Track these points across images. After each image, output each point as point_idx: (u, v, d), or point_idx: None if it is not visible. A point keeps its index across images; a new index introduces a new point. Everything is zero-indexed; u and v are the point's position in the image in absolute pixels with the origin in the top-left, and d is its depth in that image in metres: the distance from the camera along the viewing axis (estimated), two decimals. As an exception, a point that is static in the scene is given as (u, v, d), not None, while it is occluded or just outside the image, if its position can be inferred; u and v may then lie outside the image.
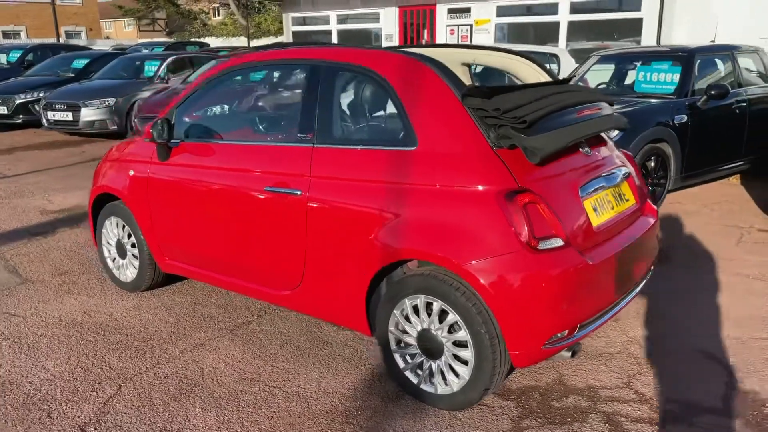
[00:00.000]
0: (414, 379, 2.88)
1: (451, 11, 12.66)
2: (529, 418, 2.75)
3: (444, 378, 2.78)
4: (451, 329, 2.71)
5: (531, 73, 3.54)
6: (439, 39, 12.83)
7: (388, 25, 13.43)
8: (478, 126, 2.70)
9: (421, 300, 2.77)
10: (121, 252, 4.26)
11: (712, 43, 7.67)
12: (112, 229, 4.28)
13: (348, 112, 3.32)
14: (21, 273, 4.71)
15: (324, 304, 3.17)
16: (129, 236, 4.17)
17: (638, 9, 10.70)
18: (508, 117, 2.63)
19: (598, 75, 7.56)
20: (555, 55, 9.11)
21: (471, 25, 12.43)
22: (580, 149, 2.98)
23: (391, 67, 2.93)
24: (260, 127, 3.92)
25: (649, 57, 7.07)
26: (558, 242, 2.58)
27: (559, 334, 2.59)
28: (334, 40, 14.48)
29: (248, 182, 3.32)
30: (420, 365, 2.86)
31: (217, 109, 4.27)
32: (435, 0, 12.66)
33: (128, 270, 4.26)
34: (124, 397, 3.00)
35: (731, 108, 6.62)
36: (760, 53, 7.58)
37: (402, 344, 2.91)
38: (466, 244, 2.58)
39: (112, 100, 11.77)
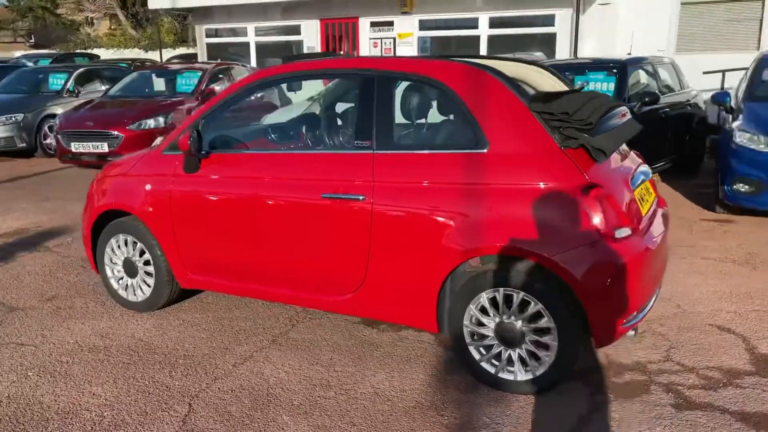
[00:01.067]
0: (491, 369, 3.04)
1: (373, 24, 12.96)
2: (599, 394, 2.99)
3: (524, 364, 2.96)
4: (532, 318, 2.90)
5: (547, 82, 3.83)
6: (363, 52, 13.07)
7: (309, 38, 13.49)
8: (545, 128, 2.93)
9: (500, 293, 2.94)
10: (131, 271, 4.06)
11: (629, 56, 8.48)
12: (118, 248, 4.08)
13: (407, 119, 3.43)
14: (3, 301, 4.35)
15: (388, 305, 3.25)
16: (141, 254, 3.99)
17: (552, 24, 11.56)
18: (575, 119, 2.88)
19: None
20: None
21: (394, 39, 12.80)
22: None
23: (455, 77, 3.09)
24: (305, 135, 3.91)
25: (585, 67, 7.71)
26: (627, 231, 2.86)
27: (631, 315, 2.87)
28: (252, 52, 14.32)
29: (300, 190, 3.34)
30: (497, 355, 3.02)
31: (252, 119, 4.22)
32: (357, 13, 12.90)
33: (140, 289, 4.07)
34: (201, 414, 2.92)
35: (659, 113, 7.37)
36: (674, 64, 8.49)
37: (477, 337, 3.06)
38: (550, 237, 2.79)
39: (19, 116, 10.95)
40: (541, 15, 11.53)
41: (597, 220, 2.78)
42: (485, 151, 2.96)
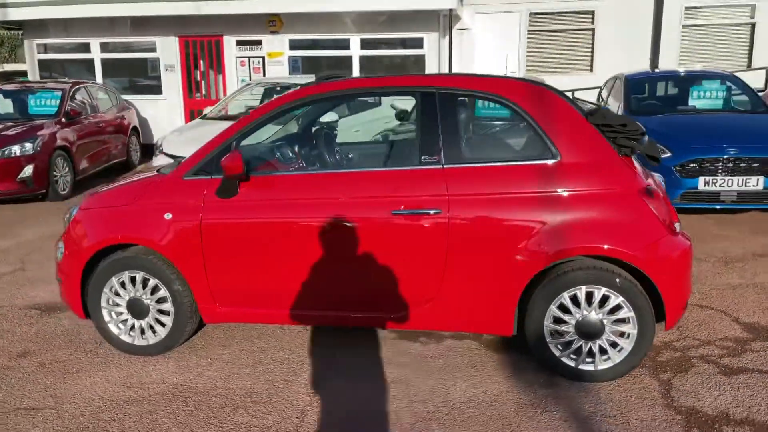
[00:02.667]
0: (571, 363, 3.27)
1: (240, 43, 12.60)
2: (662, 373, 3.37)
3: (606, 354, 3.24)
4: (612, 311, 3.20)
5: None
6: (229, 71, 12.65)
7: (168, 56, 12.69)
8: (606, 139, 3.26)
9: (581, 291, 3.19)
10: (138, 311, 3.63)
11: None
12: (122, 287, 3.63)
13: (473, 133, 3.53)
14: (-38, 364, 3.62)
15: (462, 315, 3.34)
16: (153, 291, 3.60)
17: (421, 47, 12.24)
18: (629, 130, 3.26)
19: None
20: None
21: (263, 58, 12.57)
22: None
23: (520, 93, 3.30)
24: (358, 154, 3.79)
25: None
26: (678, 226, 3.29)
27: (689, 297, 3.30)
28: (98, 70, 13.08)
29: (366, 209, 3.29)
30: (577, 349, 3.26)
31: (292, 138, 3.96)
32: (222, 31, 12.46)
33: (151, 330, 3.66)
34: (320, 448, 2.76)
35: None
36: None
37: (556, 334, 3.27)
38: (627, 236, 3.12)
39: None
40: (410, 38, 12.17)
41: (663, 217, 3.17)
42: (557, 161, 3.21)
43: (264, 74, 12.65)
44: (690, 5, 12.08)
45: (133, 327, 3.68)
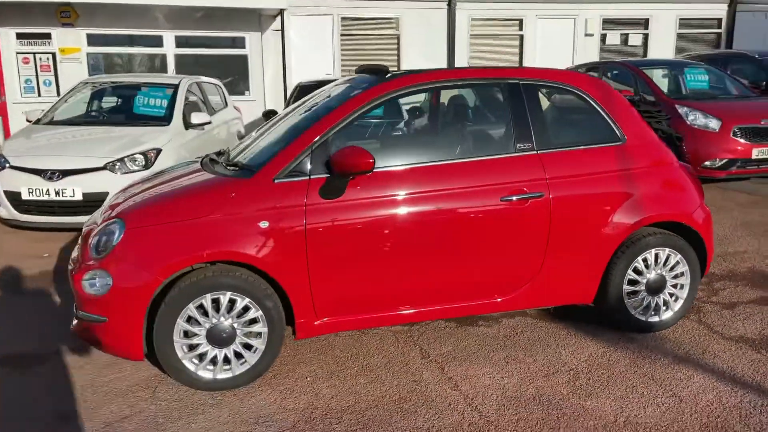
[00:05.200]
0: (643, 317, 3.77)
1: (22, 36, 10.54)
2: (702, 315, 4.06)
3: (666, 305, 3.80)
4: (672, 268, 3.77)
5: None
6: (8, 69, 10.47)
7: None
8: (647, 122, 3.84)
9: (651, 254, 3.70)
10: (225, 339, 3.13)
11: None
12: (203, 314, 3.09)
13: (553, 121, 3.71)
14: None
15: (557, 289, 3.61)
16: (243, 312, 3.13)
17: (243, 46, 11.74)
18: (662, 116, 3.88)
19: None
20: (219, 86, 9.40)
21: (54, 54, 10.72)
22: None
23: (586, 83, 3.68)
24: (453, 143, 3.62)
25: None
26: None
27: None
28: None
29: (475, 198, 3.35)
30: (648, 305, 3.77)
31: (383, 131, 3.57)
32: (-4, 21, 10.35)
33: (240, 357, 3.17)
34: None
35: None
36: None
37: (631, 294, 3.73)
38: (685, 202, 3.74)
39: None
40: (232, 37, 11.61)
41: (698, 187, 3.86)
42: (624, 143, 3.68)
43: (55, 74, 10.90)
44: (475, 17, 13.79)
45: (213, 359, 3.14)
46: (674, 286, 3.81)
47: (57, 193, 6.09)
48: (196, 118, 7.52)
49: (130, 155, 6.35)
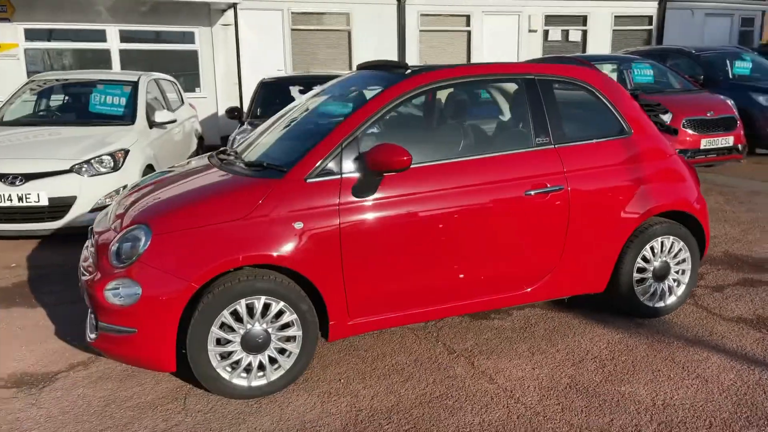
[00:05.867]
0: (650, 303, 3.91)
1: (-50, 31, 9.77)
2: (699, 299, 4.26)
3: (671, 291, 3.96)
4: (675, 255, 3.93)
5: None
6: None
7: None
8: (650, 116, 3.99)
9: (658, 242, 3.85)
10: (255, 345, 3.03)
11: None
12: (237, 321, 2.98)
13: (566, 115, 3.75)
14: None
15: (573, 280, 3.70)
16: (277, 316, 3.04)
17: (193, 41, 11.32)
18: (660, 109, 4.04)
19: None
20: (174, 82, 9.07)
21: (-13, 50, 9.99)
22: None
23: (594, 78, 3.78)
24: (476, 139, 3.59)
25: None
26: (692, 182, 4.21)
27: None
28: None
29: (501, 192, 3.39)
30: (654, 292, 3.91)
31: (407, 128, 3.48)
32: None
33: (277, 363, 3.09)
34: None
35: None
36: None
37: (639, 281, 3.87)
38: (687, 192, 3.90)
39: None
40: (181, 31, 11.18)
41: (696, 175, 4.04)
42: (630, 136, 3.80)
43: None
44: (424, 13, 13.88)
45: (247, 366, 3.04)
46: (678, 272, 3.98)
47: (20, 199, 5.71)
48: (160, 116, 7.22)
49: (97, 157, 6.03)
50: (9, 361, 3.55)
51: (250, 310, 3.00)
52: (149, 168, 6.51)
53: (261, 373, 3.07)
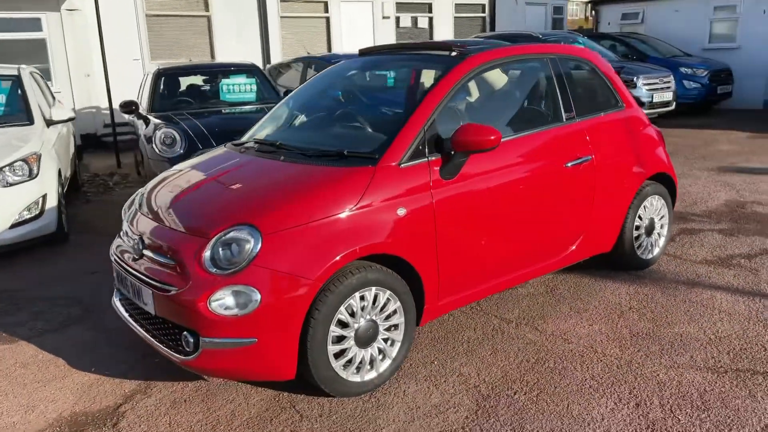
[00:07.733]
0: (643, 256, 4.42)
1: None
2: (674, 246, 4.85)
3: (656, 243, 4.51)
4: (658, 211, 4.47)
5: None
6: None
7: None
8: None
9: (649, 201, 4.35)
10: (365, 338, 2.93)
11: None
12: (351, 315, 2.86)
13: (578, 91, 3.99)
14: None
15: (595, 242, 4.07)
16: (384, 306, 2.97)
17: (40, 29, 9.81)
18: (629, 84, 4.56)
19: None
20: (42, 75, 7.96)
21: None
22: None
23: (594, 57, 4.14)
24: (525, 116, 3.69)
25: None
26: (655, 148, 4.80)
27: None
28: None
29: (550, 166, 3.62)
30: (645, 245, 4.41)
31: (462, 108, 3.38)
32: None
33: (383, 353, 3.02)
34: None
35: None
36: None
37: (637, 238, 4.35)
38: (664, 155, 4.46)
39: None
40: (26, 18, 9.66)
41: (663, 140, 4.63)
42: (623, 109, 4.25)
43: None
44: (284, -1, 13.59)
45: (361, 362, 2.93)
46: (661, 225, 4.55)
47: None
48: (57, 114, 6.33)
49: (9, 164, 5.16)
50: (40, 403, 3.00)
51: (363, 302, 2.88)
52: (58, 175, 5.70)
53: (369, 366, 2.98)
